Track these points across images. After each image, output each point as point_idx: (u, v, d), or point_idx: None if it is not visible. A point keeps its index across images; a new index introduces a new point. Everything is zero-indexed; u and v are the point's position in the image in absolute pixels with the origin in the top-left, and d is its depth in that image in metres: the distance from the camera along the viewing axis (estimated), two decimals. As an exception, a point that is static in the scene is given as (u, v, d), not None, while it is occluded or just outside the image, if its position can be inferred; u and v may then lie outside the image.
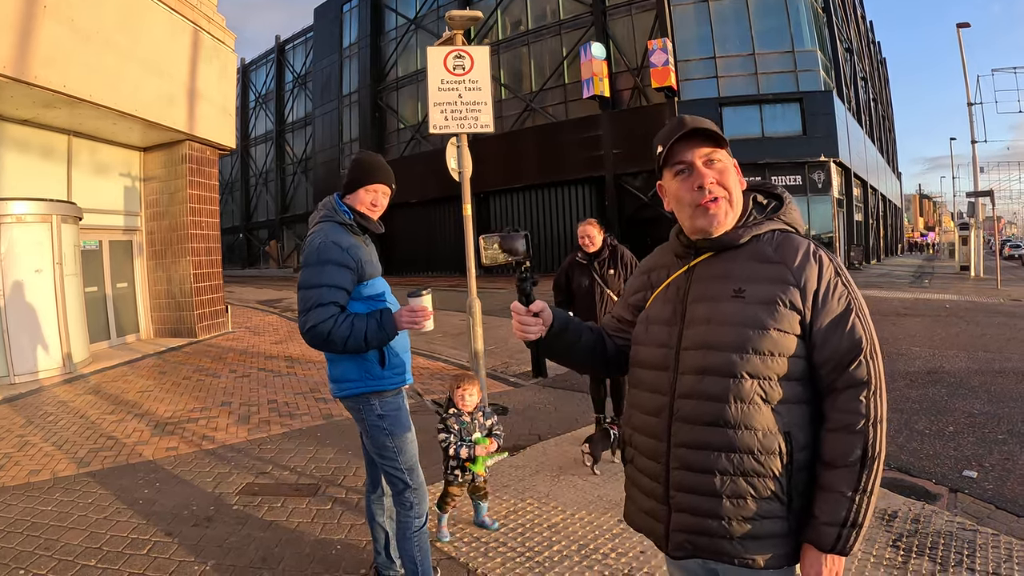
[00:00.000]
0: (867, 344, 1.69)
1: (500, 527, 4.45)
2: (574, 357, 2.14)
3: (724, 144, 1.83)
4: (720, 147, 1.82)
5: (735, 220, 1.85)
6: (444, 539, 4.25)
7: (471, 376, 4.42)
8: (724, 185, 1.81)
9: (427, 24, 42.12)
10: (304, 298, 3.04)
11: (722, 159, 1.82)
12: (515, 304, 1.99)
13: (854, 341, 1.69)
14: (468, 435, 4.25)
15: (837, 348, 1.69)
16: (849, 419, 1.67)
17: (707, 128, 1.81)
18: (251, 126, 65.14)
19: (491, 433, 4.36)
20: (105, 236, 13.05)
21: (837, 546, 1.65)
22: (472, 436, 4.25)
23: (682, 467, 1.78)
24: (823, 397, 1.73)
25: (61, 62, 9.65)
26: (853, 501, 1.65)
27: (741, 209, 1.87)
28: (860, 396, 1.67)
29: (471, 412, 4.32)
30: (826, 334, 1.70)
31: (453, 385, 4.36)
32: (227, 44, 14.77)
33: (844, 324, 1.70)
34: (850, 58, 42.07)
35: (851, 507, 1.65)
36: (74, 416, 7.71)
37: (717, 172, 1.81)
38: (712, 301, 1.80)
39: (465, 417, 4.28)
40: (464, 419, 4.28)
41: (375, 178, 3.30)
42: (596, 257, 6.05)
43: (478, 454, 4.20)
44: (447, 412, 4.30)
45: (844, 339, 1.69)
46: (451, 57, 7.40)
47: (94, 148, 12.74)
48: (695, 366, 1.78)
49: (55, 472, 5.82)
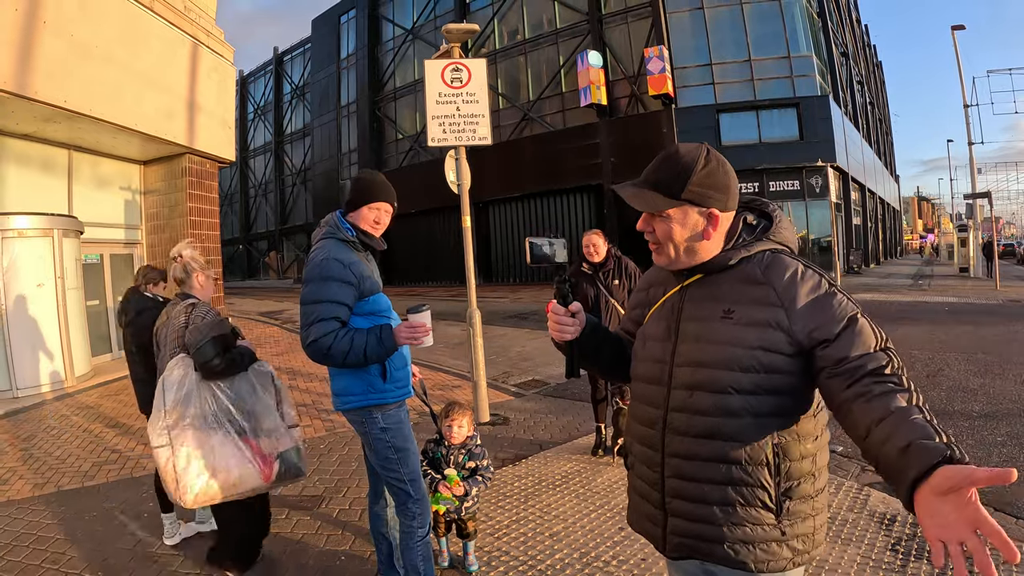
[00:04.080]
0: (882, 342, 1.68)
1: (503, 536, 4.47)
2: (602, 360, 2.19)
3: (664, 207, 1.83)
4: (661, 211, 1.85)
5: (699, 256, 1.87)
6: (444, 564, 4.12)
7: (462, 407, 4.16)
8: (657, 236, 1.89)
9: (424, 35, 42.22)
10: (306, 313, 3.10)
11: (665, 219, 1.86)
12: (553, 304, 2.06)
13: (869, 343, 1.67)
14: (440, 467, 4.00)
15: (851, 348, 1.66)
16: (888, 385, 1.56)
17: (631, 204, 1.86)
18: (250, 137, 65.25)
19: (474, 474, 3.99)
20: (106, 249, 13.10)
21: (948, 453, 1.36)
22: (445, 471, 3.97)
23: (675, 475, 1.86)
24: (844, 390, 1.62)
25: (61, 77, 9.71)
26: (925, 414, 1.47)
27: (712, 244, 1.87)
28: (886, 370, 1.59)
29: (457, 445, 4.04)
30: (836, 342, 1.68)
31: (442, 413, 4.11)
32: (226, 57, 14.82)
33: (852, 328, 1.69)
34: (846, 62, 42.19)
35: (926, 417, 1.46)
36: (77, 429, 7.75)
37: (657, 222, 1.88)
38: (703, 321, 1.85)
39: (442, 448, 4.04)
40: (440, 450, 4.04)
41: (378, 196, 3.35)
42: (601, 267, 6.08)
43: (439, 491, 3.88)
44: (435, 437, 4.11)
45: (857, 340, 1.67)
46: (448, 70, 7.44)
47: (94, 162, 12.81)
48: (686, 381, 1.83)
49: (60, 486, 5.86)
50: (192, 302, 3.85)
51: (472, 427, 4.15)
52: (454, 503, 3.91)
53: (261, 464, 3.68)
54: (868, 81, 55.08)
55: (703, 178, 1.82)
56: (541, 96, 36.96)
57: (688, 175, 1.81)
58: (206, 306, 3.87)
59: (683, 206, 1.83)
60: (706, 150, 1.86)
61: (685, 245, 1.87)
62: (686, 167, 1.82)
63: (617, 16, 33.92)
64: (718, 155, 1.87)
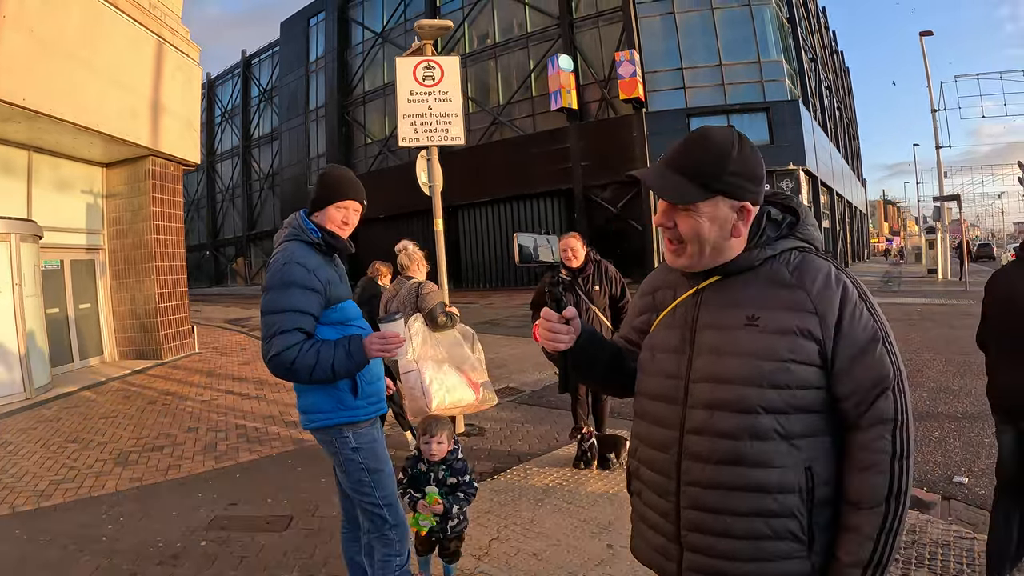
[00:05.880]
0: (894, 376, 1.54)
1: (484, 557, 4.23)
2: (597, 371, 1.96)
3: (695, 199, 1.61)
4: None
5: (724, 255, 1.66)
6: None
7: (442, 421, 3.81)
8: (682, 233, 1.64)
9: (394, 38, 41.97)
10: (267, 324, 2.84)
11: (692, 213, 1.62)
12: (545, 311, 1.82)
13: (881, 374, 1.53)
14: (420, 485, 3.68)
15: (862, 381, 1.53)
16: (874, 458, 1.52)
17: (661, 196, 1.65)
18: (217, 141, 64.40)
19: (455, 490, 3.72)
20: (66, 255, 12.68)
21: None
22: (425, 488, 3.65)
23: (693, 507, 1.64)
24: (845, 431, 1.57)
25: (20, 74, 9.35)
26: (878, 542, 1.51)
27: (736, 243, 1.66)
28: (885, 434, 1.52)
29: (438, 462, 3.74)
30: (850, 366, 1.53)
31: (421, 429, 3.76)
32: (192, 57, 14.51)
33: (870, 355, 1.53)
34: (815, 68, 42.63)
35: (876, 548, 1.51)
36: (35, 445, 7.40)
37: (681, 218, 1.63)
38: (723, 329, 1.63)
39: (422, 466, 3.72)
40: (420, 467, 3.73)
41: (346, 194, 3.09)
42: (580, 273, 5.85)
43: (419, 509, 3.60)
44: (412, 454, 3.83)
45: (870, 371, 1.53)
46: (420, 68, 7.24)
47: (55, 164, 12.40)
48: (706, 400, 1.61)
49: (14, 506, 5.52)
50: (417, 281, 6.00)
51: (452, 441, 3.84)
52: (432, 523, 3.61)
53: (473, 388, 5.63)
54: (836, 87, 55.78)
55: (739, 166, 1.60)
56: (511, 100, 36.89)
57: (724, 162, 1.59)
58: (429, 283, 5.96)
59: (715, 199, 1.60)
60: (738, 133, 1.65)
61: (713, 243, 1.63)
62: (721, 153, 1.60)
63: (588, 20, 33.96)
64: (748, 139, 1.66)
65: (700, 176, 1.59)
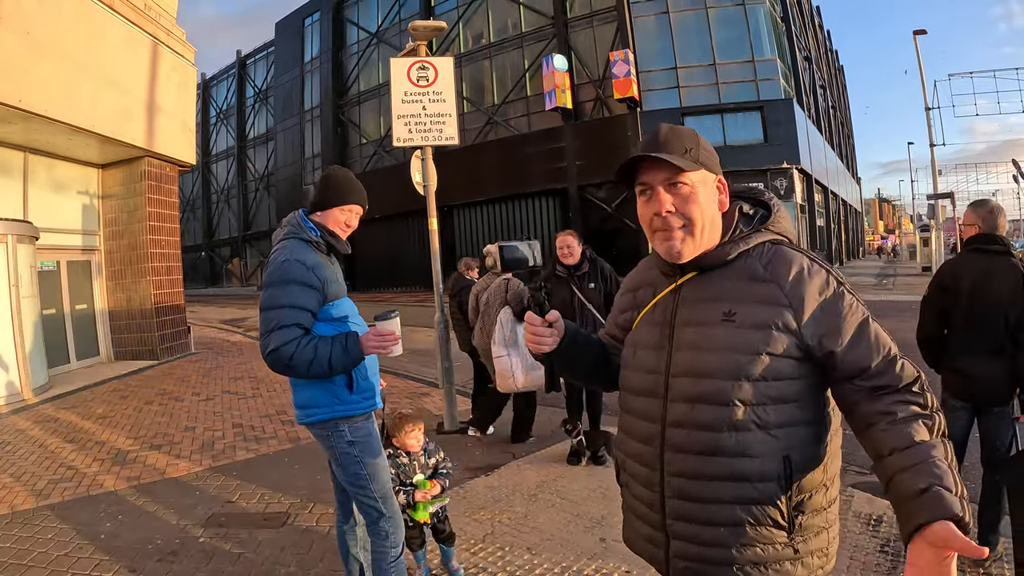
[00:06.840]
0: (894, 346, 1.60)
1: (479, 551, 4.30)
2: (582, 370, 2.04)
3: (692, 168, 1.67)
4: (686, 171, 1.67)
5: (712, 240, 1.73)
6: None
7: (413, 417, 3.97)
8: (685, 213, 1.67)
9: (389, 38, 41.91)
10: (266, 319, 2.89)
11: (689, 182, 1.67)
12: (529, 315, 1.89)
13: (885, 346, 1.59)
14: (408, 478, 3.83)
15: (867, 358, 1.57)
16: (910, 410, 1.50)
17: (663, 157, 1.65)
18: (212, 142, 64.23)
19: (436, 473, 3.93)
20: (63, 256, 12.70)
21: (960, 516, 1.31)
22: (414, 479, 3.83)
23: (677, 496, 1.70)
24: (864, 404, 1.56)
25: (16, 75, 9.38)
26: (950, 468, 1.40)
27: (721, 227, 1.75)
28: (913, 387, 1.54)
29: (416, 452, 3.92)
30: (848, 350, 1.58)
31: (394, 427, 3.90)
32: (187, 58, 14.53)
33: (867, 336, 1.59)
34: (809, 66, 42.64)
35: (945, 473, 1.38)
36: (33, 445, 7.43)
37: (680, 198, 1.68)
38: (701, 325, 1.69)
39: (403, 459, 3.86)
40: (401, 460, 3.85)
41: (352, 198, 3.16)
42: (576, 270, 5.93)
43: (418, 499, 3.75)
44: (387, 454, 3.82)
45: (872, 349, 1.58)
46: (415, 68, 7.28)
47: (51, 165, 12.41)
48: (686, 393, 1.68)
49: (13, 506, 5.55)
50: (506, 277, 6.40)
51: (422, 433, 4.01)
52: (433, 505, 3.80)
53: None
54: (830, 85, 55.81)
55: (706, 146, 1.74)
56: (506, 100, 36.83)
57: (697, 140, 1.72)
58: (517, 281, 6.38)
59: (700, 170, 1.70)
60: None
61: (711, 217, 1.71)
62: (692, 135, 1.73)
63: (582, 20, 33.92)
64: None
65: (683, 151, 1.67)
